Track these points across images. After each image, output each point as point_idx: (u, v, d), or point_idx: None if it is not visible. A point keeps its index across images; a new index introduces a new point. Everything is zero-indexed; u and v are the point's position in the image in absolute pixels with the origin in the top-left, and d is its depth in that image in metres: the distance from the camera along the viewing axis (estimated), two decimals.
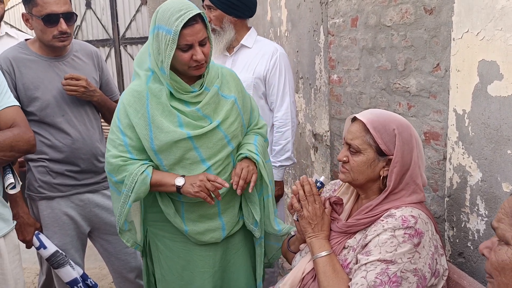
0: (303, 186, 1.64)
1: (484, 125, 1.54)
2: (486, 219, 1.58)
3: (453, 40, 1.66)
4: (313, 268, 1.56)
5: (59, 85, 2.25)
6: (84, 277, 2.36)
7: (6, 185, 1.84)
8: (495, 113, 1.49)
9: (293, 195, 1.68)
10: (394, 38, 2.03)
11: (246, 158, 1.89)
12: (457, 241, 1.74)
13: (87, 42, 2.64)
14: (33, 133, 1.92)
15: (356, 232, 1.56)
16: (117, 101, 2.02)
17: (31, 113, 2.21)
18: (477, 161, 1.59)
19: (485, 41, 1.50)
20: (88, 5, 6.70)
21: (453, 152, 1.72)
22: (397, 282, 1.38)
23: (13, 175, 1.87)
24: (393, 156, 1.51)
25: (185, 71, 1.76)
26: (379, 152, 1.53)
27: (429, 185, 1.88)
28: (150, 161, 1.82)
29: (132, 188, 1.77)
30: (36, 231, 2.27)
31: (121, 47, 6.78)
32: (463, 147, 1.66)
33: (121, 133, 1.80)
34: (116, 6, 6.67)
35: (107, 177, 1.88)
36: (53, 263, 2.27)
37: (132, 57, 6.71)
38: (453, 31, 1.65)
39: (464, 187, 1.67)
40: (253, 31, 2.58)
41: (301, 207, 1.63)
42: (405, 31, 1.95)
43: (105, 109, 2.41)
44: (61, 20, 2.17)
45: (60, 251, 2.28)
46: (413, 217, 1.44)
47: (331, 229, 1.62)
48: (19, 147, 1.84)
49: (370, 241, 1.46)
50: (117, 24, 6.73)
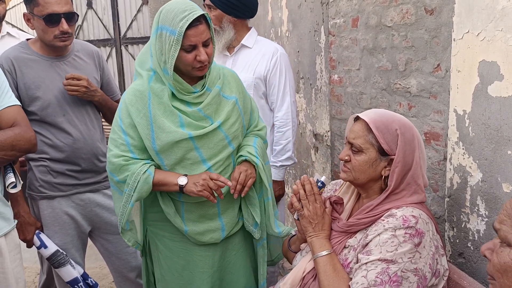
0: (304, 185, 1.64)
1: (485, 125, 1.54)
2: (486, 219, 1.58)
3: (454, 40, 1.66)
4: (314, 267, 1.57)
5: (60, 85, 2.25)
6: (85, 276, 2.36)
7: (7, 184, 1.84)
8: (496, 113, 1.49)
9: (293, 194, 1.68)
10: (394, 39, 2.03)
11: (245, 161, 1.89)
12: (457, 241, 1.74)
13: (88, 42, 2.65)
14: (34, 133, 1.92)
15: (356, 232, 1.56)
16: (118, 101, 2.02)
17: (32, 112, 2.22)
18: (477, 161, 1.59)
19: (486, 41, 1.50)
20: (89, 5, 6.70)
21: (453, 152, 1.72)
22: (397, 281, 1.38)
23: (14, 174, 1.87)
24: (395, 156, 1.51)
25: (188, 71, 1.76)
26: (381, 152, 1.53)
27: (430, 185, 1.88)
28: (152, 160, 1.82)
29: (135, 188, 1.77)
30: (37, 231, 2.28)
31: (122, 47, 6.78)
32: (463, 147, 1.66)
33: (123, 132, 1.80)
34: (117, 6, 6.68)
35: (108, 176, 1.87)
36: (53, 262, 2.27)
37: (133, 57, 6.71)
38: (453, 31, 1.66)
39: (464, 187, 1.67)
40: (253, 31, 2.58)
41: (301, 207, 1.64)
42: (405, 31, 1.95)
43: (106, 109, 2.42)
44: (63, 20, 2.17)
45: (61, 250, 2.29)
46: (414, 217, 1.44)
47: (331, 228, 1.63)
48: (20, 146, 1.84)
49: (370, 241, 1.46)
50: (118, 24, 6.73)
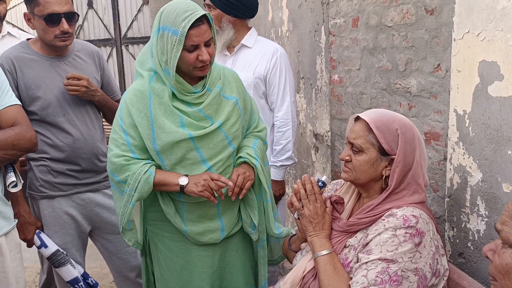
0: (304, 184, 1.64)
1: (485, 125, 1.54)
2: (486, 219, 1.58)
3: (454, 40, 1.66)
4: (314, 266, 1.57)
5: (60, 85, 2.25)
6: (85, 276, 2.36)
7: (8, 184, 1.85)
8: (496, 113, 1.49)
9: (293, 194, 1.68)
10: (395, 39, 2.03)
11: (244, 162, 1.89)
12: (457, 241, 1.74)
13: (89, 41, 2.65)
14: (34, 132, 1.92)
15: (357, 231, 1.56)
16: (118, 101, 2.02)
17: (32, 112, 2.22)
18: (477, 161, 1.59)
19: (486, 41, 1.50)
20: (90, 4, 6.71)
21: (453, 152, 1.72)
22: (397, 281, 1.38)
23: (14, 173, 1.87)
24: (396, 155, 1.51)
25: (190, 71, 1.76)
26: (382, 152, 1.53)
27: (430, 185, 1.88)
28: (153, 160, 1.82)
29: (135, 188, 1.77)
30: (37, 230, 2.28)
31: (123, 47, 6.79)
32: (463, 147, 1.66)
33: (123, 132, 1.80)
34: (117, 6, 6.68)
35: (109, 176, 1.88)
36: (54, 262, 2.27)
37: (133, 56, 6.71)
38: (453, 31, 1.66)
39: (464, 187, 1.67)
40: (253, 31, 2.59)
41: (301, 206, 1.64)
42: (406, 31, 1.95)
43: (106, 109, 2.42)
44: (63, 20, 2.17)
45: (61, 250, 2.29)
46: (414, 216, 1.44)
47: (332, 228, 1.63)
48: (21, 145, 1.85)
49: (371, 240, 1.46)
50: (119, 24, 6.73)
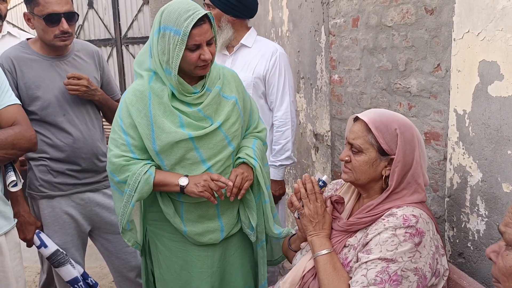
0: (305, 184, 1.64)
1: (485, 125, 1.54)
2: (486, 219, 1.58)
3: (454, 40, 1.66)
4: (314, 266, 1.57)
5: (60, 85, 2.25)
6: (85, 276, 2.36)
7: (8, 183, 1.85)
8: (496, 113, 1.49)
9: (293, 193, 1.68)
10: (395, 38, 2.03)
11: (243, 163, 1.89)
12: (457, 241, 1.74)
13: (89, 41, 2.65)
14: (34, 132, 1.92)
15: (357, 231, 1.56)
16: (118, 101, 2.02)
17: (32, 112, 2.22)
18: (477, 161, 1.59)
19: (486, 41, 1.50)
20: (90, 4, 6.71)
21: (453, 152, 1.71)
22: (397, 280, 1.38)
23: (14, 173, 1.87)
24: (395, 155, 1.51)
25: (191, 71, 1.76)
26: (381, 152, 1.53)
27: (430, 185, 1.88)
28: (152, 161, 1.82)
29: (135, 188, 1.76)
30: (37, 230, 2.28)
31: (123, 47, 6.78)
32: (463, 147, 1.66)
33: (123, 132, 1.80)
34: (118, 6, 6.68)
35: (108, 177, 1.87)
36: (53, 262, 2.27)
37: (134, 56, 6.71)
38: (453, 31, 1.65)
39: (464, 187, 1.67)
40: (253, 30, 2.59)
41: (302, 205, 1.64)
42: (406, 31, 1.95)
43: (106, 108, 2.42)
44: (63, 20, 2.17)
45: (61, 250, 2.29)
46: (414, 216, 1.44)
47: (332, 227, 1.63)
48: (21, 145, 1.85)
49: (371, 240, 1.46)
50: (119, 24, 6.73)
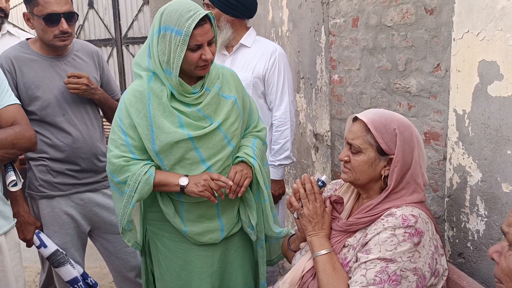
0: (304, 184, 1.64)
1: (484, 125, 1.54)
2: (485, 219, 1.58)
3: (454, 40, 1.65)
4: (313, 266, 1.57)
5: (60, 85, 2.25)
6: (85, 276, 2.36)
7: (8, 182, 1.85)
8: (495, 113, 1.49)
9: (292, 193, 1.68)
10: (394, 38, 2.03)
11: (242, 161, 1.89)
12: (457, 241, 1.74)
13: (89, 41, 2.65)
14: (34, 131, 1.92)
15: (356, 231, 1.56)
16: (118, 100, 2.02)
17: (32, 112, 2.22)
18: (477, 161, 1.59)
19: (486, 41, 1.50)
20: (91, 4, 6.71)
21: (453, 152, 1.71)
22: (396, 280, 1.38)
23: (14, 172, 1.87)
24: (394, 155, 1.51)
25: (191, 71, 1.75)
26: (380, 152, 1.53)
27: (429, 185, 1.88)
28: (152, 161, 1.82)
29: (135, 189, 1.76)
30: (37, 230, 2.28)
31: (123, 47, 6.78)
32: (463, 147, 1.66)
33: (123, 133, 1.80)
34: (118, 6, 6.67)
35: (108, 177, 1.87)
36: (53, 262, 2.27)
37: (134, 56, 6.71)
38: (453, 31, 1.65)
39: (464, 187, 1.67)
40: (252, 30, 2.59)
41: (301, 206, 1.64)
42: (405, 31, 1.95)
43: (106, 107, 2.42)
44: (62, 20, 2.17)
45: (61, 250, 2.29)
46: (413, 216, 1.44)
47: (331, 227, 1.63)
48: (21, 144, 1.85)
49: (370, 240, 1.46)
50: (119, 24, 6.73)
